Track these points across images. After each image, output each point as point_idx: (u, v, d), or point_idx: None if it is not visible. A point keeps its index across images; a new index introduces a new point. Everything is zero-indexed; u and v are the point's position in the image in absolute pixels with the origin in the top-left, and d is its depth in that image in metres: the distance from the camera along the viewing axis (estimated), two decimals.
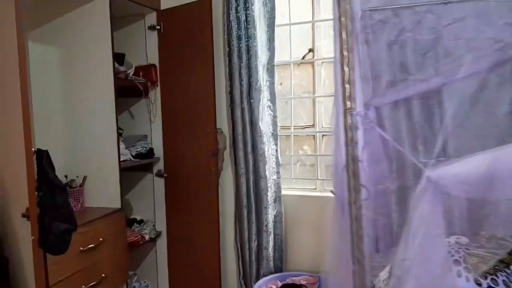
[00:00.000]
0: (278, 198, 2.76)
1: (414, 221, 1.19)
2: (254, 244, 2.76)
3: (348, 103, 1.17)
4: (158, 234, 3.12)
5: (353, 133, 1.19)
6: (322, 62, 2.86)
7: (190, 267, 2.97)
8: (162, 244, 3.13)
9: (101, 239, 2.38)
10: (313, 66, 2.89)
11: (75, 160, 2.65)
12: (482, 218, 1.79)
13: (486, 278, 1.69)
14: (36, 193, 1.68)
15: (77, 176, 2.60)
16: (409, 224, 1.20)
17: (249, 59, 2.68)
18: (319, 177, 2.89)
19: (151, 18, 3.08)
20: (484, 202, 1.61)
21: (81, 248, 2.24)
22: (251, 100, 2.68)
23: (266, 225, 2.70)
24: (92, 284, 2.32)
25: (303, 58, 2.91)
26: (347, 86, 1.16)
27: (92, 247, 2.31)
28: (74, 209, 2.34)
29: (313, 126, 2.91)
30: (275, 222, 2.75)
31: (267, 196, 2.69)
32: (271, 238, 2.73)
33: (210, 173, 2.84)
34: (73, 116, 2.66)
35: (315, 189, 2.91)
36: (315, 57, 2.86)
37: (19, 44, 1.66)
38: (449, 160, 1.15)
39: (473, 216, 1.82)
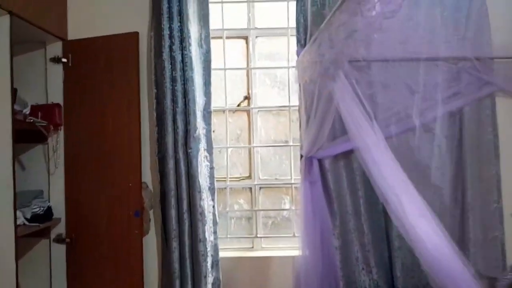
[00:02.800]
0: (215, 263, 2.39)
1: None
2: None
3: None
4: None
5: None
6: (258, 111, 2.70)
7: None
8: None
9: None
10: (248, 114, 2.70)
11: None
12: None
13: None
14: None
15: None
16: None
17: (186, 104, 2.36)
18: (258, 235, 2.64)
19: (55, 48, 2.55)
20: None
21: None
22: (189, 150, 2.33)
23: None
24: None
25: (239, 105, 2.71)
26: None
27: None
28: None
29: (249, 177, 2.68)
30: None
31: (207, 262, 2.31)
32: None
33: (131, 237, 2.37)
34: None
35: (252, 248, 2.64)
36: (252, 105, 2.69)
37: None
38: None
39: None
